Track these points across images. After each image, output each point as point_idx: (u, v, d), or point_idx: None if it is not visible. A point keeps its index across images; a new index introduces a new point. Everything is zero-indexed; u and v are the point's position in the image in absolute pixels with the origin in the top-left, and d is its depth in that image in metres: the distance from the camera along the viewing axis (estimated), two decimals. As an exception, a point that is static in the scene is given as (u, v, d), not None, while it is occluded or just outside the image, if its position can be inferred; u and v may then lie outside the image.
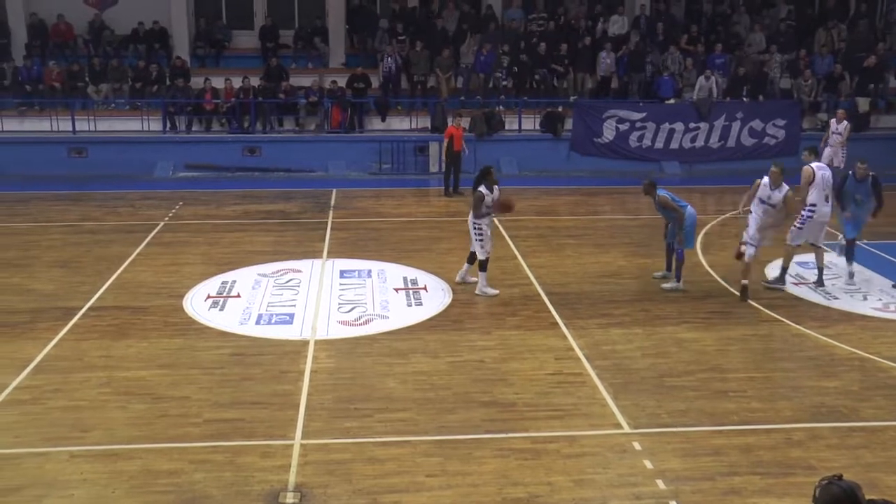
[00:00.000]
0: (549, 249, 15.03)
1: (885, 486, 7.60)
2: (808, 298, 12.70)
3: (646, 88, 23.03)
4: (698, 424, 8.82)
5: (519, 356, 10.45)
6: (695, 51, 23.45)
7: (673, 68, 22.98)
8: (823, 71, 23.35)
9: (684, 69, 23.03)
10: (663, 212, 12.95)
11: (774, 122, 22.19)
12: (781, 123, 22.15)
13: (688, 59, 23.14)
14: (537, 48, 22.88)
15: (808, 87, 22.80)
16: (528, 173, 20.82)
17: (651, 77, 23.10)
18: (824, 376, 10.09)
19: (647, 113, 21.94)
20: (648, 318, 11.78)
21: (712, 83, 22.15)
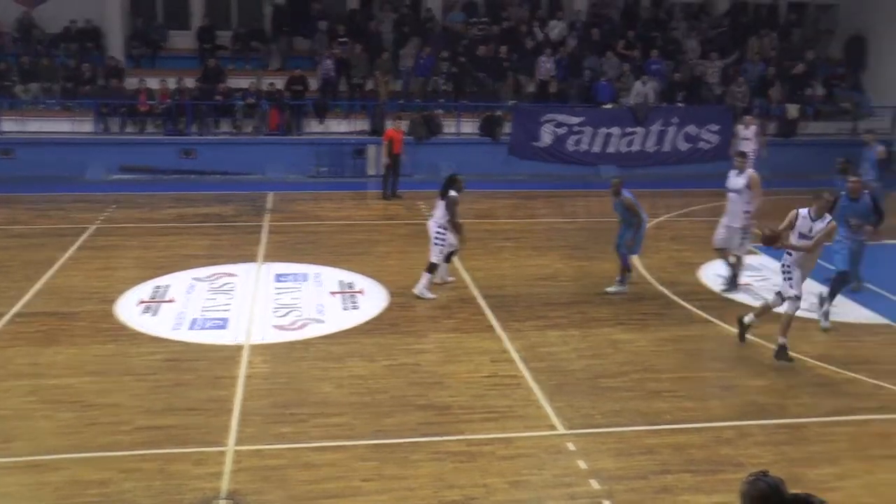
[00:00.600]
0: (486, 252, 15.09)
1: (809, 481, 7.77)
2: (738, 300, 12.93)
3: (584, 93, 23.27)
4: (632, 424, 8.93)
5: (455, 359, 10.47)
6: (632, 56, 23.76)
7: (610, 73, 23.25)
8: (755, 78, 23.83)
9: (621, 74, 23.32)
10: (624, 213, 12.99)
11: (708, 127, 22.59)
12: (715, 129, 22.56)
13: (625, 65, 23.44)
14: (477, 51, 22.98)
15: (741, 94, 23.24)
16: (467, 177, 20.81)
17: (589, 82, 23.35)
18: (754, 375, 10.30)
19: (585, 117, 22.18)
20: (584, 320, 11.90)
21: (649, 88, 22.48)
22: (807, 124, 23.68)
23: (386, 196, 19.19)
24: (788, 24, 26.02)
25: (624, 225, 13.01)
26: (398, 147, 19.17)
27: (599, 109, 22.54)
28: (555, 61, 23.18)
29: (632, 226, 12.85)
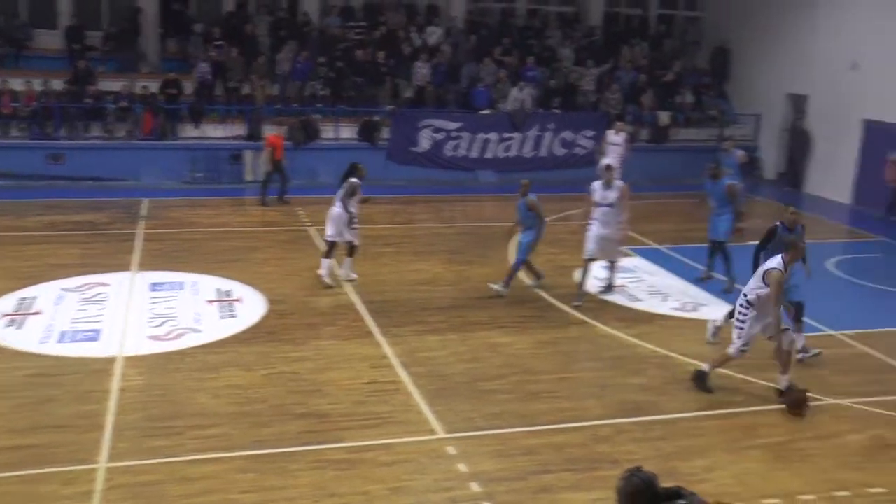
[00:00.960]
0: (365, 258, 14.99)
1: (682, 474, 8.06)
2: (613, 301, 13.29)
3: (461, 99, 23.49)
4: (511, 426, 9.06)
5: (334, 366, 10.40)
6: (508, 63, 24.12)
7: (487, 80, 23.54)
8: (628, 85, 24.54)
9: (498, 81, 23.64)
10: (525, 214, 13.27)
11: (584, 132, 23.11)
12: (590, 134, 23.10)
13: (501, 71, 23.77)
14: (355, 56, 22.91)
15: (615, 100, 23.88)
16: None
17: (466, 88, 23.59)
18: (629, 374, 10.60)
19: (463, 123, 22.39)
20: (463, 324, 12.00)
21: (525, 95, 22.85)
22: (678, 131, 24.52)
23: (264, 202, 18.91)
24: (659, 35, 26.91)
25: (524, 228, 13.33)
26: (280, 153, 18.92)
27: (477, 115, 22.79)
28: (432, 67, 23.31)
29: (533, 227, 13.19)
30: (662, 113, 24.17)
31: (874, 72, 20.62)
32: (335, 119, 22.16)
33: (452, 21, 25.11)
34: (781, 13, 23.84)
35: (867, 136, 21.21)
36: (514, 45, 24.81)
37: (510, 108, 22.77)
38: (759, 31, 24.74)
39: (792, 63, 23.57)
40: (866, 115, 21.07)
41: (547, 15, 26.48)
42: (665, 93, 24.79)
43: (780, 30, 23.88)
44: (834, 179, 22.12)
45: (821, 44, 22.49)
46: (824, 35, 22.37)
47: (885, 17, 20.30)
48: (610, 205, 12.95)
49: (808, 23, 22.95)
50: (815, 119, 23.06)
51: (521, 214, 13.35)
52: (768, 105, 24.58)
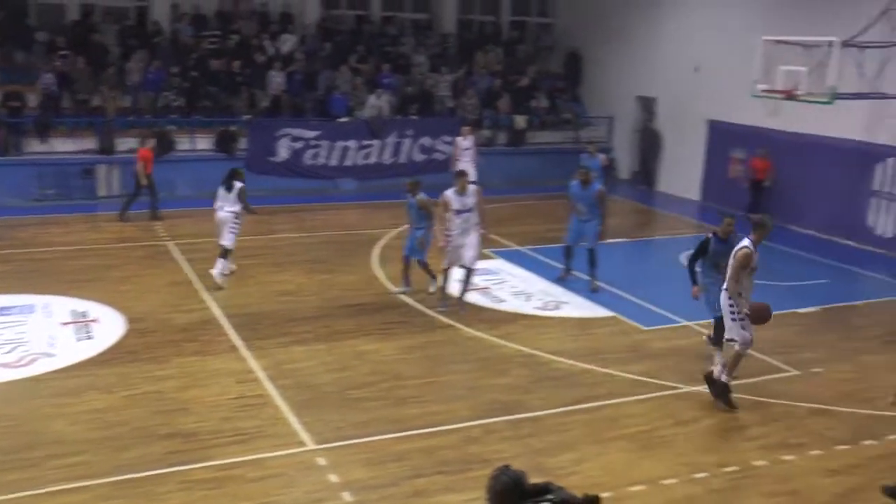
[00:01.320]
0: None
1: (550, 468, 8.25)
2: (478, 303, 13.46)
3: (319, 107, 23.34)
4: (381, 433, 9.05)
5: (199, 383, 10.15)
6: (364, 70, 24.12)
7: (344, 87, 23.47)
8: (483, 91, 24.94)
9: (355, 88, 23.61)
10: (416, 214, 13.34)
11: (442, 138, 23.30)
12: (449, 140, 23.25)
13: (357, 79, 23.75)
14: (209, 66, 22.44)
15: (471, 106, 24.22)
16: (203, 194, 20.23)
17: (323, 96, 23.45)
18: (496, 374, 10.76)
19: (321, 131, 22.22)
20: (329, 334, 11.92)
21: (383, 102, 22.90)
22: (534, 134, 25.05)
23: (124, 218, 18.26)
24: (512, 41, 27.46)
25: (413, 227, 13.47)
26: (150, 167, 18.40)
27: (335, 123, 22.68)
28: (287, 75, 23.07)
29: (422, 227, 13.31)
30: (518, 117, 24.66)
31: (715, 74, 21.64)
32: (191, 130, 21.62)
33: (306, 28, 24.92)
34: (629, 18, 24.73)
35: (711, 136, 22.23)
36: (369, 52, 24.84)
37: (368, 116, 22.76)
38: (608, 36, 25.59)
39: (640, 66, 24.48)
40: (710, 115, 22.08)
41: (402, 22, 26.61)
42: (520, 97, 25.31)
43: (628, 35, 24.77)
44: (683, 177, 23.10)
45: (666, 48, 23.46)
46: (669, 40, 23.35)
47: (725, 23, 21.33)
48: (469, 210, 12.85)
49: (653, 28, 23.90)
50: (664, 120, 24.02)
51: (412, 214, 13.43)
52: (620, 107, 25.45)
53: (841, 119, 17.88)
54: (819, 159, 18.99)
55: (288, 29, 24.53)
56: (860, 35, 16.24)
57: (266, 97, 22.87)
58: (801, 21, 18.22)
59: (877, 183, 18.04)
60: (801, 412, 10.01)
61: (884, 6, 16.80)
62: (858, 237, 18.23)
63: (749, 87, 16.75)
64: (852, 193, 18.49)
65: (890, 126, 17.76)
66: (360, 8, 26.39)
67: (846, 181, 18.60)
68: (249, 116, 22.11)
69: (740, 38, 19.66)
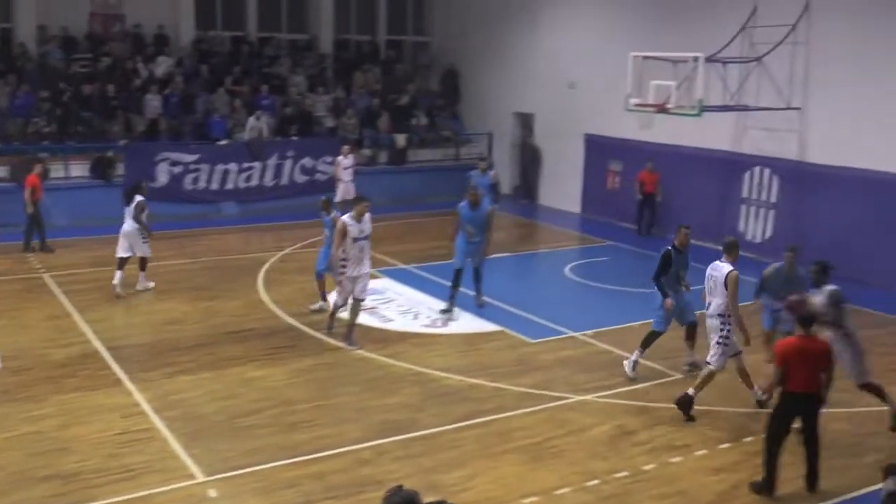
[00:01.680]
0: (108, 302, 14.31)
1: (444, 486, 8.28)
2: (366, 323, 13.40)
3: (197, 130, 22.91)
4: (272, 460, 8.90)
5: (81, 420, 9.77)
6: (241, 92, 23.82)
7: (222, 109, 23.12)
8: (363, 110, 24.95)
9: (233, 110, 23.28)
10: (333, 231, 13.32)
11: (323, 158, 23.17)
12: (330, 160, 23.14)
13: (236, 100, 23.43)
14: (81, 90, 21.75)
15: (351, 125, 24.19)
16: (79, 223, 19.62)
17: (202, 118, 23.04)
18: (386, 394, 10.74)
19: (201, 154, 21.77)
20: (216, 361, 11.68)
21: (262, 123, 22.63)
22: (415, 152, 25.18)
23: (29, 248, 17.60)
24: (389, 60, 27.57)
25: (327, 245, 13.52)
26: (39, 193, 17.73)
27: (215, 146, 22.29)
28: (163, 98, 22.58)
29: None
30: (399, 136, 24.76)
31: (590, 89, 22.23)
32: (64, 157, 20.87)
33: (182, 50, 24.44)
34: (504, 36, 25.17)
35: (588, 149, 22.80)
36: (246, 73, 24.53)
37: (248, 138, 22.45)
38: (485, 53, 26.00)
39: (517, 83, 24.94)
40: (586, 129, 22.65)
41: (278, 42, 26.39)
42: (400, 116, 25.43)
43: (505, 52, 25.22)
44: (563, 191, 23.61)
45: (542, 65, 23.96)
46: (544, 56, 23.86)
47: (598, 40, 21.96)
48: (366, 237, 12.16)
49: (529, 45, 24.38)
50: (542, 135, 24.51)
51: (330, 230, 13.35)
52: (499, 123, 25.84)
53: (710, 131, 18.65)
54: (692, 169, 19.70)
55: (163, 51, 24.01)
56: (722, 51, 16.98)
57: (143, 121, 22.32)
58: (669, 38, 18.89)
59: (745, 190, 18.83)
60: (684, 415, 10.32)
61: (741, 24, 17.63)
62: (731, 243, 18.93)
63: (622, 102, 17.26)
64: (724, 201, 19.25)
65: (753, 136, 18.60)
66: (235, 29, 26.03)
67: (717, 189, 19.36)
68: (126, 141, 21.51)
69: (613, 55, 20.23)
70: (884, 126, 16.15)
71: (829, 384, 8.48)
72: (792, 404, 8.27)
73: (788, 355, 8.16)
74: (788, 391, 8.23)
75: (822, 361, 8.26)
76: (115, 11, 24.21)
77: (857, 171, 16.60)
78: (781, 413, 8.36)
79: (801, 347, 8.17)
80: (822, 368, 8.27)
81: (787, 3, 17.28)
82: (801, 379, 8.15)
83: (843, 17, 16.69)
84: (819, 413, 8.40)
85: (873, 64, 16.27)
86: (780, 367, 8.21)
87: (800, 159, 17.74)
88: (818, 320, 8.72)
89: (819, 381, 8.26)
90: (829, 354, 8.37)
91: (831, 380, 8.51)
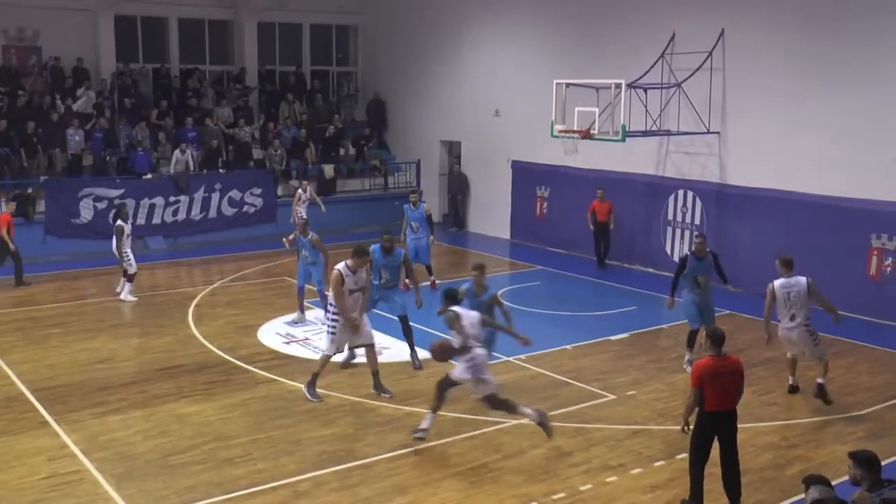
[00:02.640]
0: (30, 342, 13.94)
1: (384, 517, 8.23)
2: (298, 355, 13.31)
3: (122, 164, 22.55)
4: (207, 497, 8.75)
5: (4, 466, 9.44)
6: (165, 125, 23.53)
7: (146, 143, 22.81)
8: (289, 141, 24.86)
9: (157, 144, 22.98)
10: (312, 252, 14.46)
11: (252, 190, 23.03)
12: (258, 192, 23.08)
13: (160, 134, 23.14)
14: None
15: (279, 157, 24.08)
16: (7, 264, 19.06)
17: (125, 153, 22.69)
18: (322, 425, 10.65)
19: (125, 189, 21.40)
20: (147, 399, 11.45)
21: (188, 156, 22.38)
22: (343, 182, 25.15)
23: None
24: (315, 90, 27.55)
25: (308, 265, 14.61)
26: (13, 231, 17.72)
27: (140, 180, 21.96)
28: (85, 133, 22.19)
29: (317, 263, 14.48)
30: (327, 166, 24.70)
31: (516, 117, 22.54)
32: (-18, 195, 20.30)
33: (102, 84, 24.05)
34: (429, 65, 25.40)
35: (516, 176, 23.06)
36: (170, 106, 24.26)
37: (172, 172, 22.16)
38: (410, 83, 26.19)
39: (443, 111, 25.16)
40: (513, 156, 22.92)
41: (202, 74, 26.16)
42: (327, 146, 25.41)
43: (430, 81, 25.45)
44: (492, 217, 23.81)
45: (467, 93, 24.23)
46: (470, 85, 24.13)
47: (522, 68, 22.32)
48: (361, 289, 11.33)
49: (454, 74, 24.63)
50: (470, 163, 24.71)
51: (308, 251, 14.55)
52: (426, 152, 25.99)
53: (634, 156, 19.07)
54: (618, 193, 20.02)
55: (84, 84, 23.58)
56: (643, 77, 17.40)
57: (65, 157, 21.88)
58: (591, 65, 19.29)
59: (670, 213, 19.23)
60: (620, 434, 10.46)
61: (661, 52, 18.11)
62: (658, 264, 19.32)
63: (548, 128, 17.53)
64: (649, 224, 19.63)
65: (675, 160, 19.06)
66: (158, 61, 25.75)
67: (643, 213, 19.74)
68: (46, 177, 21.05)
69: (537, 82, 20.62)
70: (797, 149, 16.72)
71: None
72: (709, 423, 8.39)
73: (703, 376, 8.29)
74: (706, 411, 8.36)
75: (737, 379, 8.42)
76: (29, 44, 23.78)
77: (773, 192, 17.12)
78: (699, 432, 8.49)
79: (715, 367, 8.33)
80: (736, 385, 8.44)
81: (704, 31, 17.81)
82: (716, 398, 8.29)
83: (757, 44, 17.27)
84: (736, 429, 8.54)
85: (786, 90, 16.85)
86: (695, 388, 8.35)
87: (721, 181, 18.22)
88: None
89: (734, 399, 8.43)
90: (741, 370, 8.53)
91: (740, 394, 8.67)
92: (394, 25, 26.98)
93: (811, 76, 16.47)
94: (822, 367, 11.24)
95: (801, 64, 16.59)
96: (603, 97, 16.71)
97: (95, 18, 24.25)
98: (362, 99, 28.43)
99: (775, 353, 13.39)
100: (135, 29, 25.54)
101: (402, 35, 26.50)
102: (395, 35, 26.81)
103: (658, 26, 18.64)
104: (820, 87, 16.36)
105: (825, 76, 16.27)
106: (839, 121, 16.06)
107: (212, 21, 26.78)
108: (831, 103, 16.18)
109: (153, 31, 25.99)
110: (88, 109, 23.02)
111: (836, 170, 16.14)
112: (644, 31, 19.02)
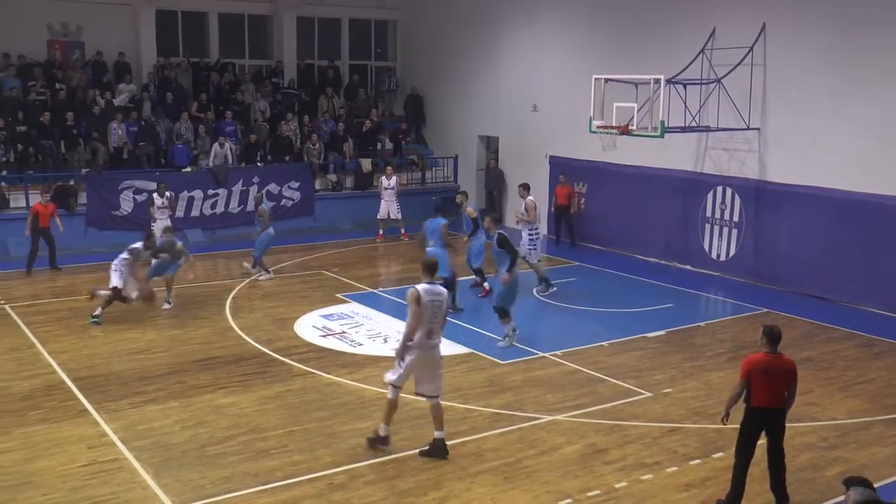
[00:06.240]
0: (71, 332, 14.13)
1: (419, 511, 8.24)
2: (335, 348, 13.36)
3: (161, 157, 22.77)
4: (243, 488, 8.81)
5: (46, 453, 9.60)
6: (206, 118, 23.73)
7: (186, 136, 23.01)
8: (327, 135, 24.95)
9: (197, 137, 23.18)
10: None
11: (289, 184, 23.16)
12: (296, 185, 23.20)
13: (200, 127, 23.33)
14: (40, 118, 21.53)
15: (317, 151, 24.17)
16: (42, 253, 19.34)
17: (165, 145, 22.92)
18: (357, 419, 10.68)
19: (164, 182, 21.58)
20: (184, 390, 11.57)
21: (227, 150, 22.55)
22: (380, 177, 25.14)
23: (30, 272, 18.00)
24: (353, 85, 27.61)
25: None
26: (46, 220, 18.20)
27: (179, 173, 22.17)
28: (126, 126, 22.43)
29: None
30: (364, 160, 24.77)
31: (554, 112, 22.42)
32: (24, 186, 20.62)
33: (146, 78, 24.30)
34: (467, 60, 25.35)
35: (553, 172, 22.94)
36: (210, 100, 24.45)
37: (211, 165, 22.34)
38: (448, 78, 26.16)
39: (481, 106, 25.10)
40: (551, 151, 22.81)
41: (241, 69, 26.35)
42: (365, 141, 25.46)
43: (468, 76, 25.40)
44: (528, 212, 23.67)
45: (505, 88, 24.14)
46: (507, 81, 24.05)
47: (561, 63, 22.19)
48: (439, 306, 9.57)
49: (492, 69, 24.57)
50: (507, 158, 24.64)
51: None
52: (463, 147, 25.96)
53: (672, 151, 18.89)
54: (656, 190, 19.88)
55: (125, 79, 23.85)
56: (682, 73, 17.22)
57: (106, 149, 22.14)
58: (630, 61, 19.13)
59: (709, 210, 19.04)
60: (655, 432, 10.38)
61: (701, 47, 17.91)
62: (696, 261, 19.15)
63: (586, 124, 17.42)
64: (687, 221, 19.45)
65: (714, 156, 18.85)
66: (199, 56, 25.97)
67: (681, 209, 19.55)
68: (87, 170, 21.33)
69: (576, 78, 20.49)
70: (838, 146, 16.45)
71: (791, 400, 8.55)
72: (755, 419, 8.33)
73: (753, 371, 8.23)
74: (752, 406, 8.30)
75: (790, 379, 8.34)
76: (73, 39, 24.10)
77: (814, 189, 16.87)
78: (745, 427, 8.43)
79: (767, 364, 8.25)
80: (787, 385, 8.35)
81: (745, 26, 17.59)
82: (765, 394, 8.22)
83: (798, 39, 17.01)
84: (784, 428, 8.47)
85: (827, 85, 16.59)
86: (742, 380, 8.29)
87: (760, 178, 17.99)
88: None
89: (783, 397, 8.35)
90: (795, 372, 8.43)
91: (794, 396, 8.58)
92: (432, 21, 26.97)
93: (853, 71, 16.19)
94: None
95: (844, 59, 16.32)
96: (642, 93, 16.56)
97: (137, 13, 24.53)
98: (400, 94, 28.44)
99: (814, 352, 13.27)
100: (175, 23, 25.80)
101: (440, 30, 26.48)
102: (434, 30, 26.80)
103: (699, 21, 18.43)
104: (862, 83, 16.08)
105: (868, 72, 15.99)
106: (882, 117, 15.77)
107: (251, 15, 26.97)
108: (874, 99, 15.90)
109: (193, 26, 26.22)
110: (129, 103, 23.27)
111: (879, 167, 15.86)
112: (684, 26, 18.83)
